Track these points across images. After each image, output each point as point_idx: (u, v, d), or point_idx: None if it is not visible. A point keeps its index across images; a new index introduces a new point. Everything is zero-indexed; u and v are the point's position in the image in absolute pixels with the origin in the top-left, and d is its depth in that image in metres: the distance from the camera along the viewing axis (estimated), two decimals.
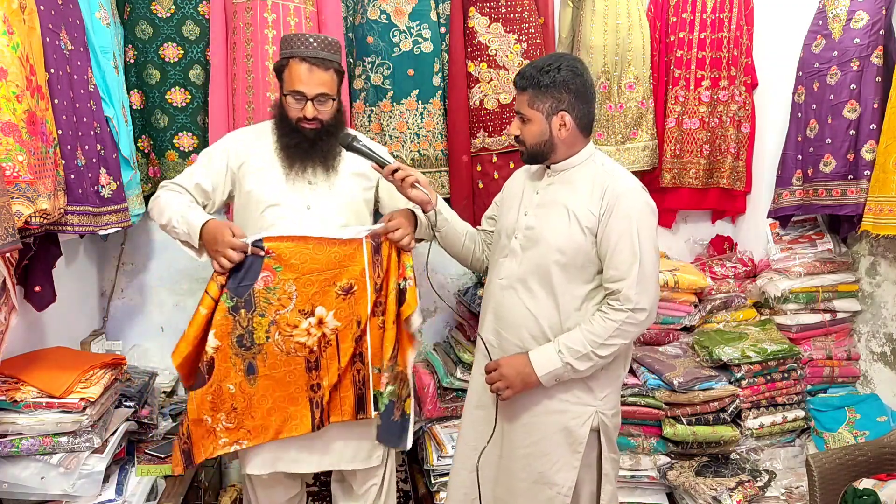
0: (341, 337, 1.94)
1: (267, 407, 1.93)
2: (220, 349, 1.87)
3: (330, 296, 1.91)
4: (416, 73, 2.81)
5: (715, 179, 3.13)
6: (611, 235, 1.71)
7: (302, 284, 1.88)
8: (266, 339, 1.88)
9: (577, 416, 1.77)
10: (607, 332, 1.68)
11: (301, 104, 1.97)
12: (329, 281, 1.90)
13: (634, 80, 2.97)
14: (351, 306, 1.93)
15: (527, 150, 1.82)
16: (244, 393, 1.91)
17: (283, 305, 1.88)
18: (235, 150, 2.08)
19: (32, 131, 1.71)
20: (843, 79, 2.51)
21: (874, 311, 2.75)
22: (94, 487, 1.96)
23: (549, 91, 1.73)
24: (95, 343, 2.64)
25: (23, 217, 1.64)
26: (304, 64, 1.95)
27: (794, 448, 2.70)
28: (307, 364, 1.93)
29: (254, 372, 1.90)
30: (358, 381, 2.00)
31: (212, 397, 1.89)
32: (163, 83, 2.63)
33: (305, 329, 1.91)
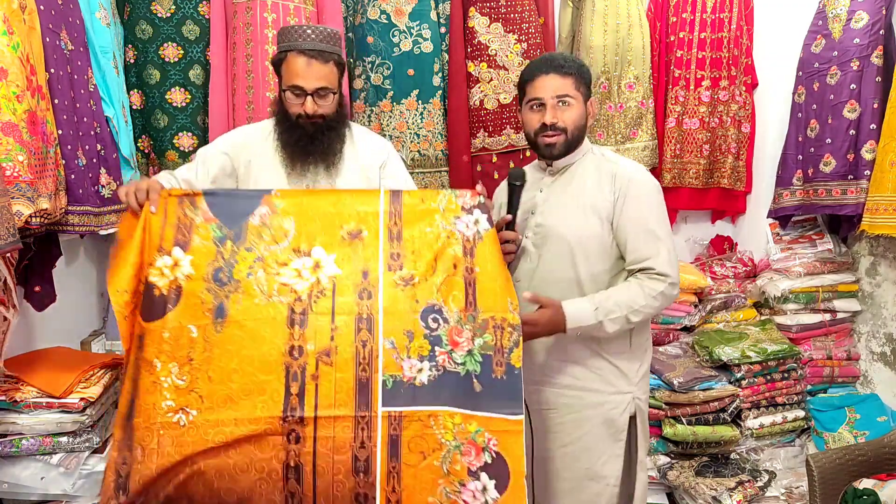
0: (339, 288, 1.52)
1: (230, 367, 1.47)
2: (192, 279, 1.51)
3: (333, 236, 1.56)
4: (416, 73, 2.81)
5: (715, 179, 3.13)
6: (629, 219, 1.73)
7: (302, 221, 1.56)
8: (247, 275, 1.51)
9: (617, 406, 1.78)
10: (644, 299, 1.69)
11: (300, 99, 1.88)
12: (334, 220, 1.57)
13: (634, 80, 2.97)
14: (357, 252, 1.55)
15: (567, 138, 1.78)
16: (207, 341, 1.48)
17: (276, 241, 1.55)
18: (234, 152, 2.01)
19: (33, 131, 1.71)
20: (843, 79, 2.51)
21: (874, 311, 2.75)
22: (95, 487, 1.96)
23: (584, 78, 1.79)
24: (95, 343, 2.63)
25: (23, 217, 1.64)
26: (303, 57, 1.84)
27: (794, 448, 2.70)
28: (290, 315, 1.49)
29: (223, 315, 1.49)
30: (362, 357, 1.49)
31: (169, 335, 1.49)
32: (163, 83, 2.63)
33: (296, 269, 1.53)
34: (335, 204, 1.58)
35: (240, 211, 1.56)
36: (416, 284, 1.54)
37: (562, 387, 1.80)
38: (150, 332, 1.49)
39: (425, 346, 1.51)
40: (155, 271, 1.52)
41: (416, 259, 1.56)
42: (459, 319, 1.53)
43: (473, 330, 1.53)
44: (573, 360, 1.79)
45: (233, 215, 1.55)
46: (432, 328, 1.52)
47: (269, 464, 1.44)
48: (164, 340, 1.49)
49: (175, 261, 1.52)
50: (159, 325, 1.49)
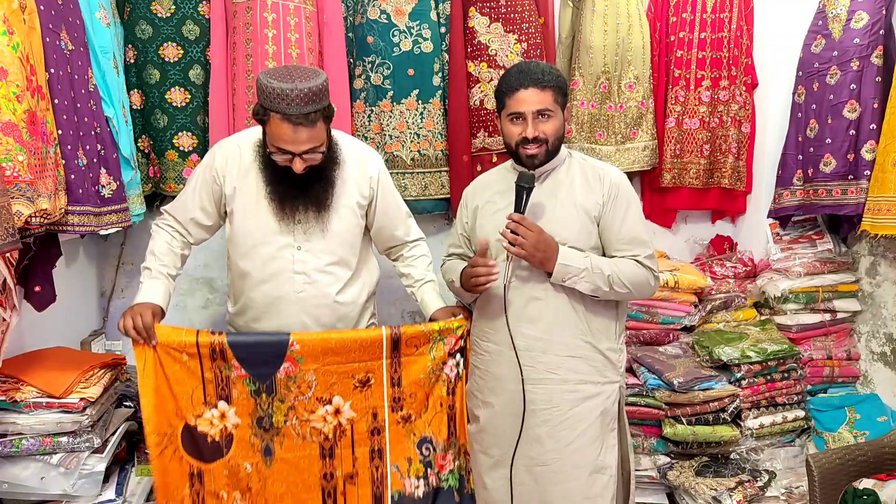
0: (356, 428, 2.00)
1: (280, 492, 1.97)
2: (240, 427, 1.94)
3: (347, 387, 1.98)
4: (416, 73, 2.81)
5: (715, 179, 3.13)
6: (615, 219, 1.83)
7: (321, 374, 1.95)
8: (284, 422, 1.95)
9: (610, 395, 1.85)
10: (634, 274, 1.80)
11: (289, 158, 1.83)
12: (347, 373, 1.97)
13: (634, 80, 2.97)
14: (367, 398, 2.00)
15: (548, 148, 1.82)
16: (260, 474, 1.96)
17: (303, 392, 1.96)
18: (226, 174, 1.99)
19: (33, 131, 1.71)
20: (843, 79, 2.51)
21: (874, 311, 2.75)
22: (94, 487, 1.96)
23: (562, 88, 1.83)
24: (95, 343, 2.64)
25: (23, 217, 1.64)
26: (288, 124, 1.76)
27: (794, 448, 2.70)
28: (321, 451, 1.99)
29: (270, 454, 1.96)
30: (376, 479, 2.03)
31: (228, 472, 1.94)
32: (163, 83, 2.63)
33: (322, 416, 1.98)
34: (346, 358, 1.95)
35: (267, 367, 1.92)
36: (413, 421, 2.04)
37: (562, 381, 1.83)
38: (210, 471, 1.94)
39: (420, 469, 2.06)
40: (204, 422, 1.93)
41: (412, 400, 2.03)
42: (444, 447, 2.07)
43: (453, 454, 2.07)
44: (571, 354, 1.83)
45: (261, 371, 1.92)
46: (425, 455, 2.06)
47: None
48: (224, 476, 1.95)
49: (222, 412, 1.93)
50: (220, 465, 1.94)
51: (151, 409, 1.87)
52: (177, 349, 1.87)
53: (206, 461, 1.93)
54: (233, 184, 2.00)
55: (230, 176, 2.00)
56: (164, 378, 1.88)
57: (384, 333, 1.97)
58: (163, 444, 1.90)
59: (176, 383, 1.88)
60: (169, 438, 1.90)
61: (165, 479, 1.91)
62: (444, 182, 2.89)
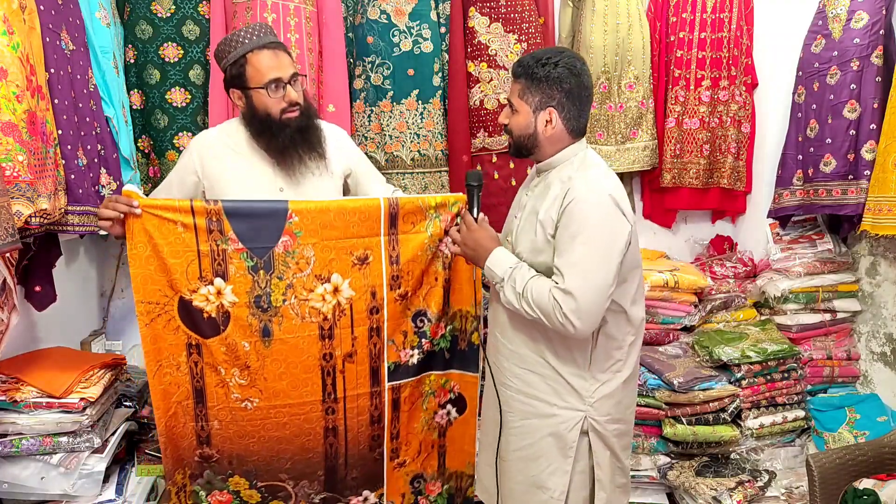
0: (356, 307, 1.98)
1: (279, 371, 1.95)
2: (238, 305, 1.90)
3: (346, 264, 1.95)
4: (416, 73, 2.81)
5: (715, 179, 3.13)
6: (558, 242, 1.65)
7: (320, 250, 1.92)
8: (283, 301, 1.91)
9: (566, 421, 1.74)
10: (542, 301, 1.61)
11: (281, 92, 1.88)
12: (346, 249, 1.94)
13: (634, 79, 2.97)
14: (366, 276, 1.97)
15: (512, 142, 1.79)
16: (258, 353, 1.93)
17: (301, 269, 1.92)
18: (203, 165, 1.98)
19: (32, 131, 1.71)
20: (843, 79, 2.51)
21: (874, 311, 2.75)
22: (95, 487, 1.96)
23: (540, 85, 1.68)
24: (95, 343, 2.64)
25: (23, 217, 1.64)
26: (266, 50, 1.87)
27: (795, 448, 2.70)
28: (321, 332, 1.96)
29: (269, 335, 1.93)
30: (374, 354, 2.03)
31: (226, 349, 1.91)
32: (163, 83, 2.63)
33: (321, 295, 1.94)
34: (344, 232, 1.93)
35: (264, 240, 1.88)
36: (409, 298, 2.04)
37: (517, 391, 1.80)
38: (208, 345, 1.91)
39: (415, 340, 2.09)
40: (200, 297, 1.88)
41: (409, 278, 2.03)
42: (438, 317, 2.09)
43: (446, 321, 2.11)
44: (529, 369, 1.77)
45: (259, 245, 1.88)
46: (419, 326, 2.08)
47: (314, 429, 2.03)
48: (222, 353, 1.92)
49: (218, 289, 1.88)
50: (217, 341, 1.91)
51: (140, 279, 1.82)
52: (171, 220, 1.81)
53: (203, 336, 1.90)
54: (213, 168, 1.98)
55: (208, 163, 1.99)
56: (157, 249, 1.82)
57: (382, 204, 1.94)
58: (154, 313, 1.86)
59: (170, 255, 1.83)
60: (162, 307, 1.86)
61: (157, 344, 1.88)
62: (444, 182, 2.89)
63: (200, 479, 2.00)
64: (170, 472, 1.98)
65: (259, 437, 2.00)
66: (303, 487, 2.07)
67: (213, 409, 1.95)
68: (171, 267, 1.84)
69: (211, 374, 1.93)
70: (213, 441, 1.97)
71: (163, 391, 1.91)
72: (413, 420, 2.16)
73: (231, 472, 2.01)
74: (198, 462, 1.99)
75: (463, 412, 2.22)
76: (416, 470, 2.21)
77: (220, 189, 1.98)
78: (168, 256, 1.83)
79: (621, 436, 1.82)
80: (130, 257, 1.81)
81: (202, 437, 1.97)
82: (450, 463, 2.25)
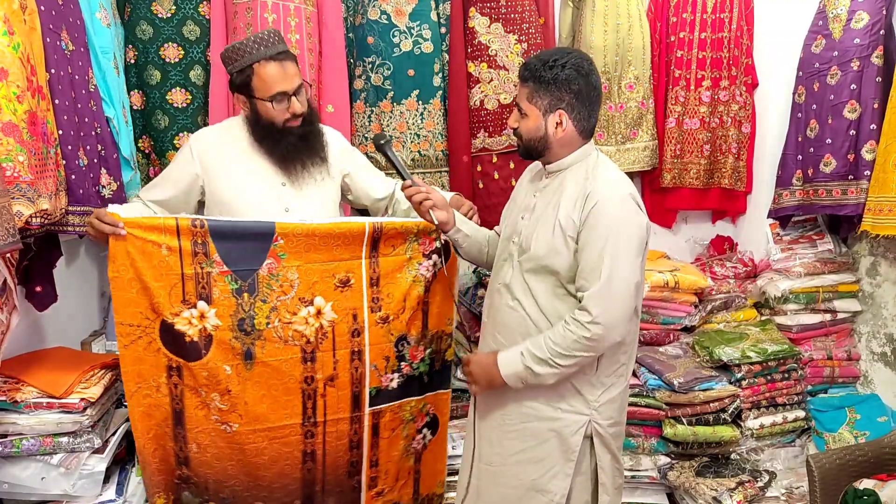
0: (337, 330, 1.99)
1: (260, 394, 1.95)
2: (221, 329, 1.89)
3: (329, 286, 1.96)
4: (416, 74, 2.81)
5: (715, 180, 3.13)
6: (585, 244, 1.63)
7: (304, 273, 1.93)
8: (266, 324, 1.91)
9: (570, 425, 1.73)
10: (566, 342, 1.61)
11: (286, 104, 1.92)
12: (329, 272, 1.95)
13: (634, 80, 2.97)
14: (347, 298, 1.99)
15: (522, 145, 1.78)
16: (240, 377, 1.92)
17: (285, 292, 1.92)
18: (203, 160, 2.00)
19: (33, 131, 1.71)
20: (843, 79, 2.51)
21: (874, 312, 2.75)
22: (95, 488, 1.97)
23: (549, 87, 1.66)
24: (96, 343, 2.63)
25: (23, 217, 1.64)
26: (273, 62, 1.89)
27: (795, 448, 2.70)
28: (303, 355, 1.96)
29: (251, 357, 1.92)
30: (355, 379, 2.03)
31: (207, 374, 1.90)
32: (163, 84, 2.63)
33: (304, 317, 1.95)
34: (328, 256, 1.95)
35: (249, 262, 1.88)
36: (391, 322, 2.06)
37: (518, 393, 1.76)
38: (190, 368, 1.90)
39: (395, 364, 2.09)
40: (182, 321, 1.87)
41: (389, 301, 2.04)
42: (418, 340, 2.11)
43: (425, 343, 2.13)
44: None
45: (243, 267, 1.88)
46: (400, 350, 2.09)
47: (292, 454, 2.02)
48: (203, 377, 1.90)
49: (201, 312, 1.88)
50: (198, 366, 1.90)
51: (122, 301, 1.83)
52: (155, 243, 1.81)
53: (185, 359, 1.89)
54: (214, 163, 2.00)
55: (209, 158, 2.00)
56: (139, 272, 1.81)
57: (367, 226, 1.96)
58: (134, 335, 1.86)
59: (153, 279, 1.82)
60: (143, 330, 1.86)
61: (137, 366, 1.87)
62: (445, 182, 2.89)
63: (179, 502, 2.01)
64: (150, 493, 1.99)
65: (238, 461, 2.00)
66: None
67: (192, 432, 1.94)
68: (154, 290, 1.83)
69: (191, 397, 1.92)
70: (191, 464, 1.98)
71: (142, 413, 1.91)
72: (392, 448, 2.16)
73: (207, 498, 2.01)
74: (176, 484, 1.99)
75: (436, 432, 2.24)
76: (394, 499, 2.21)
77: (220, 183, 2.00)
78: (151, 280, 1.83)
79: (619, 437, 1.83)
80: (112, 280, 1.82)
81: (180, 457, 1.97)
82: (423, 488, 2.27)
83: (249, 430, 1.96)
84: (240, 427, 1.95)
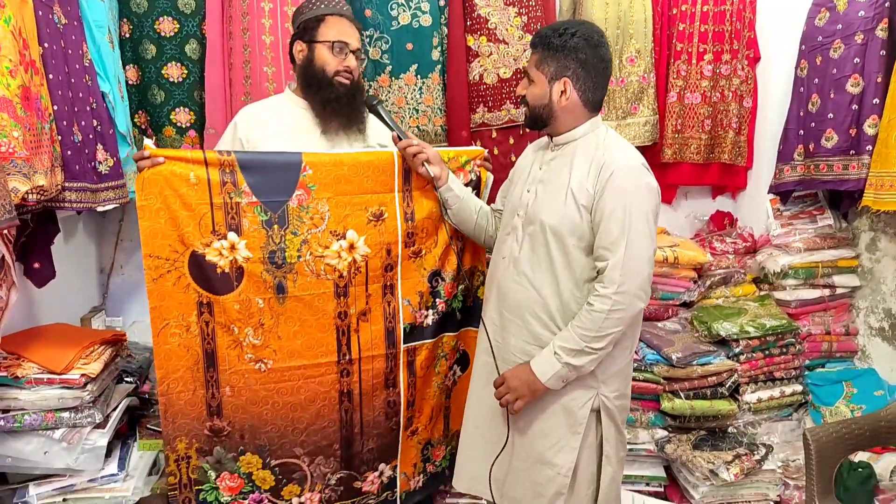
0: (371, 265, 1.97)
1: (293, 330, 1.93)
2: (252, 261, 1.87)
3: (361, 220, 1.95)
4: (414, 48, 2.77)
5: (716, 155, 3.11)
6: (602, 212, 1.65)
7: (335, 205, 1.91)
8: (297, 258, 1.90)
9: (577, 398, 1.75)
10: (596, 323, 1.63)
11: (343, 55, 1.99)
12: (361, 205, 1.94)
13: (636, 53, 2.94)
14: (381, 233, 1.97)
15: (528, 113, 1.80)
16: (272, 311, 1.90)
17: (316, 225, 1.91)
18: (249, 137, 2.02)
19: (27, 107, 1.69)
20: (846, 52, 2.48)
21: (873, 287, 2.76)
22: (97, 462, 1.98)
23: (556, 54, 1.70)
24: (95, 319, 2.64)
25: (19, 193, 1.63)
26: (345, 19, 2.02)
27: (792, 422, 2.72)
28: (336, 289, 1.95)
29: (283, 291, 1.90)
30: (388, 314, 2.03)
31: (239, 306, 1.88)
32: (159, 58, 2.60)
33: (336, 251, 1.93)
34: (359, 188, 1.93)
35: (278, 193, 1.87)
36: (423, 256, 2.05)
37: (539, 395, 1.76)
38: (220, 302, 1.87)
39: (430, 300, 2.10)
40: (213, 252, 1.85)
41: (424, 236, 2.04)
42: (453, 277, 2.12)
43: (460, 279, 2.14)
44: (541, 346, 1.75)
45: (273, 198, 1.86)
46: (434, 286, 2.10)
47: (329, 394, 2.00)
48: (234, 310, 1.88)
49: (231, 244, 1.86)
50: (230, 298, 1.87)
51: (149, 232, 1.79)
52: (184, 171, 1.79)
53: (216, 293, 1.86)
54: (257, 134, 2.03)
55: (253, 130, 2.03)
56: (167, 201, 1.79)
57: (396, 158, 1.96)
58: (163, 269, 1.82)
59: (183, 208, 1.80)
60: (172, 264, 1.82)
61: (165, 301, 1.83)
62: None
63: (210, 456, 1.94)
64: (169, 437, 1.90)
65: (273, 404, 1.95)
66: (318, 466, 2.03)
67: (225, 374, 1.90)
68: (183, 220, 1.80)
69: (223, 335, 1.88)
70: (224, 411, 1.92)
71: (167, 351, 1.85)
72: (427, 386, 2.16)
73: (243, 449, 1.95)
74: (207, 436, 1.92)
75: (466, 369, 2.23)
76: (427, 437, 2.22)
77: None
78: (180, 209, 1.80)
79: (624, 410, 1.85)
80: (140, 209, 1.78)
81: (212, 406, 1.91)
82: (453, 424, 2.27)
83: (284, 368, 1.94)
84: (274, 364, 1.92)
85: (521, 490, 1.84)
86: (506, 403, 1.77)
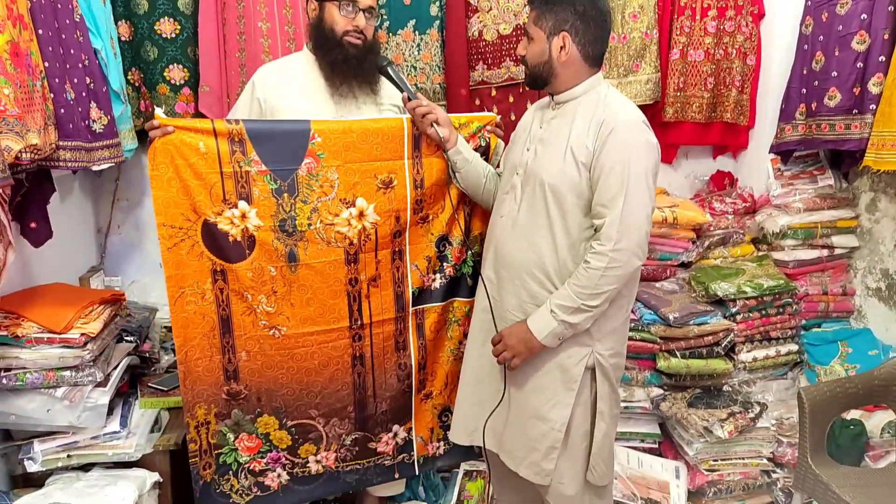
0: (380, 232, 1.99)
1: (306, 297, 1.96)
2: (263, 229, 1.89)
3: (370, 188, 1.96)
4: (412, 2, 2.71)
5: (718, 114, 3.07)
6: (602, 169, 1.65)
7: (344, 173, 1.92)
8: (308, 225, 1.92)
9: (573, 356, 1.77)
10: (592, 280, 1.64)
11: (353, 14, 1.96)
12: (370, 172, 1.95)
13: (639, 8, 2.87)
14: (390, 200, 1.98)
15: (528, 72, 1.79)
16: (285, 278, 1.93)
17: (325, 193, 1.92)
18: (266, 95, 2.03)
19: (17, 63, 1.66)
20: (853, 8, 2.43)
21: (872, 247, 2.76)
22: (99, 419, 2.01)
23: (554, 8, 1.69)
24: (94, 279, 2.64)
25: (13, 152, 1.61)
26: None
27: (786, 381, 2.76)
28: (346, 256, 1.97)
29: (295, 259, 1.93)
30: (397, 279, 2.06)
31: (252, 274, 1.91)
32: (151, 13, 2.54)
33: (346, 219, 1.95)
34: (368, 155, 1.94)
35: (288, 161, 1.88)
36: (431, 221, 2.07)
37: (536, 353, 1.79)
38: (233, 270, 1.91)
39: (437, 264, 2.12)
40: (225, 220, 1.87)
41: (432, 202, 2.05)
42: (461, 241, 2.13)
43: (468, 244, 2.14)
44: (537, 304, 1.77)
45: (282, 167, 1.88)
46: (442, 251, 2.11)
47: (342, 358, 2.05)
48: (248, 278, 1.91)
49: (242, 212, 1.88)
50: (243, 266, 1.90)
51: (162, 201, 1.82)
52: (193, 140, 1.80)
53: (229, 261, 1.90)
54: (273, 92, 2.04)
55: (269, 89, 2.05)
56: (179, 170, 1.81)
57: (406, 124, 1.96)
58: (177, 237, 1.85)
59: (193, 177, 1.82)
60: (185, 232, 1.85)
61: (181, 270, 1.87)
62: None
63: (228, 419, 2.00)
64: (189, 404, 1.96)
65: (288, 368, 2.00)
66: (334, 427, 2.09)
67: (241, 339, 1.95)
68: (194, 189, 1.82)
69: (237, 302, 1.92)
70: (240, 375, 1.97)
71: (184, 319, 1.89)
72: (438, 349, 2.19)
73: (260, 411, 2.01)
74: (225, 400, 1.98)
75: None
76: (443, 402, 2.23)
77: (280, 115, 2.04)
78: (190, 177, 1.82)
79: (619, 369, 1.87)
80: (152, 178, 1.80)
81: (229, 371, 1.96)
82: None
83: (298, 334, 1.98)
84: (288, 330, 1.97)
85: (516, 443, 1.87)
86: (503, 361, 1.80)
